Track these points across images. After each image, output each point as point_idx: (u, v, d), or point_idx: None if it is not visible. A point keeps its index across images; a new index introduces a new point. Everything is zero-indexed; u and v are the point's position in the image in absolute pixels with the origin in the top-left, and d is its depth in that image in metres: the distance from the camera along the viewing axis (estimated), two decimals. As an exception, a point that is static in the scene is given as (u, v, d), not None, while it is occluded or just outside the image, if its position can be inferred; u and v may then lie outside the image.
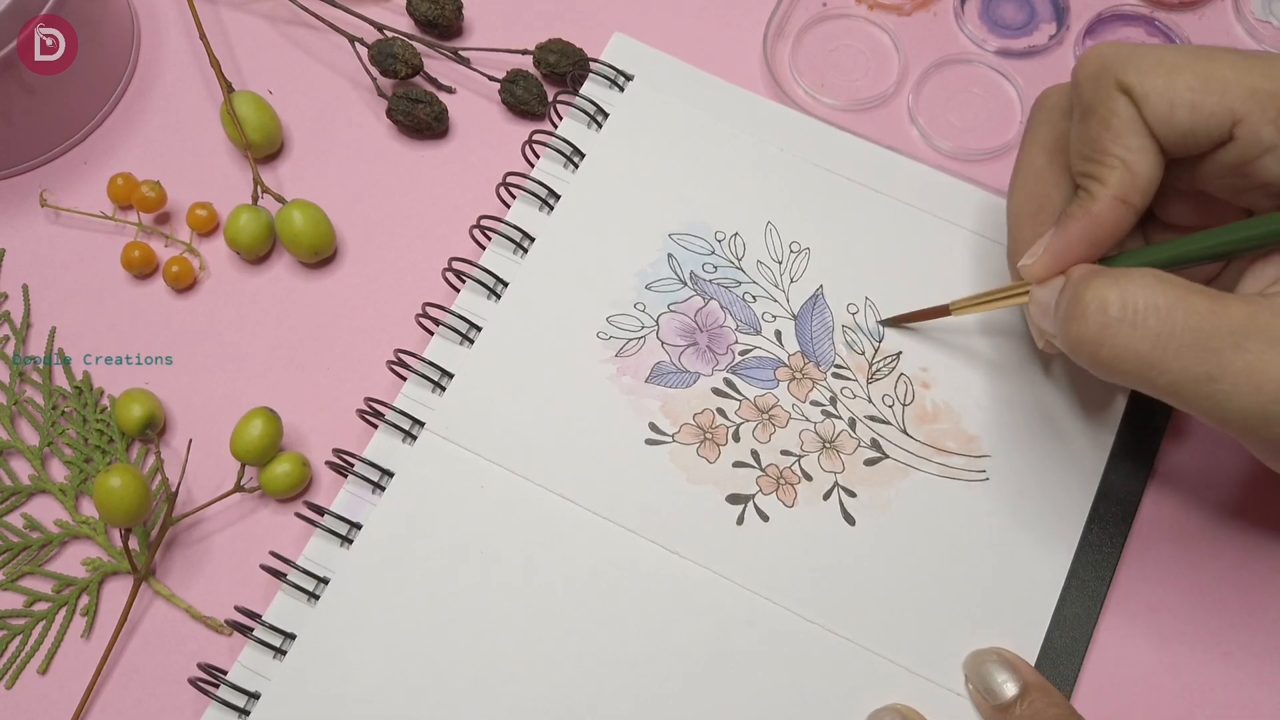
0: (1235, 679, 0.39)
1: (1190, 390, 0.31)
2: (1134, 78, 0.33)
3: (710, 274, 0.43)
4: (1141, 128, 0.33)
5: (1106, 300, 0.31)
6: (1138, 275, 0.32)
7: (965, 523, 0.40)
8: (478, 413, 0.41)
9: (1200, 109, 0.32)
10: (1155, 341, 0.31)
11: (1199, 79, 0.32)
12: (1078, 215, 0.34)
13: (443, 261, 0.43)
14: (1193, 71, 0.32)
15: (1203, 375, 0.30)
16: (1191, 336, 0.30)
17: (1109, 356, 0.31)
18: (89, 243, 0.46)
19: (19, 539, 0.41)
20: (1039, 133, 0.38)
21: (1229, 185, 0.34)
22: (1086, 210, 0.34)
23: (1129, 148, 0.33)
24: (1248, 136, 0.32)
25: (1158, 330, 0.31)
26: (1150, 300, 0.31)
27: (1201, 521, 0.41)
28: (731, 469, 0.40)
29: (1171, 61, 0.33)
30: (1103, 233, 0.34)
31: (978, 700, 0.37)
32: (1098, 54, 0.34)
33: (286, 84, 0.48)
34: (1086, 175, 0.34)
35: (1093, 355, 0.32)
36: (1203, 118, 0.32)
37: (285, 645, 0.38)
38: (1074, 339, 0.32)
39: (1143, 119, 0.33)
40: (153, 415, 0.41)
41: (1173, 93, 0.32)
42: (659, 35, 0.48)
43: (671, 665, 0.38)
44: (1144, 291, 0.31)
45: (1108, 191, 0.34)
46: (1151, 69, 0.33)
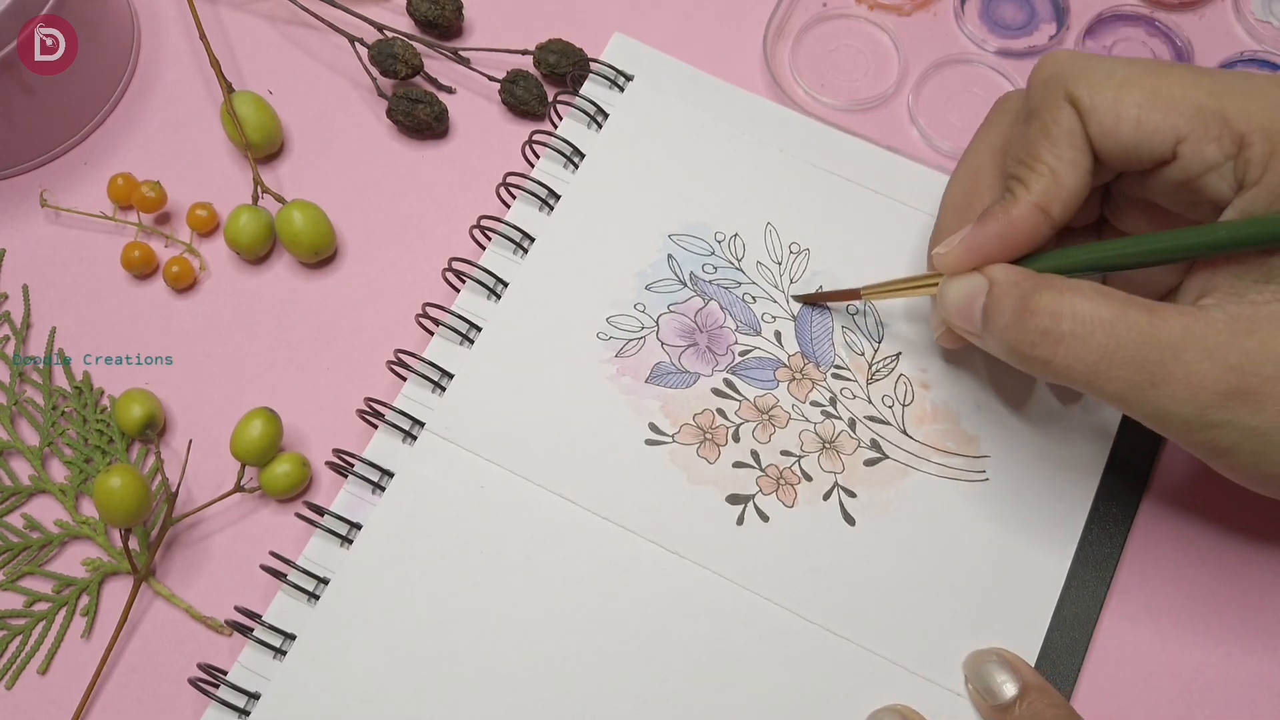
0: (1235, 679, 0.39)
1: (1134, 396, 0.32)
2: (1083, 90, 0.33)
3: (710, 274, 0.43)
4: (1080, 141, 0.34)
5: (1059, 314, 0.32)
6: (1079, 286, 0.33)
7: (965, 523, 0.40)
8: (478, 413, 0.41)
9: (1145, 125, 0.33)
10: (1102, 354, 0.32)
11: (1146, 95, 0.33)
12: (997, 215, 0.35)
13: (443, 261, 0.43)
14: (1141, 87, 0.33)
15: (1145, 382, 0.32)
16: (1133, 349, 0.32)
17: (1061, 367, 0.33)
18: (89, 243, 0.46)
19: (19, 539, 0.41)
20: (989, 132, 0.38)
21: (1177, 200, 0.34)
22: (1006, 211, 0.34)
23: (1060, 158, 0.34)
24: (1190, 155, 0.32)
25: (1104, 342, 0.32)
26: (1094, 312, 0.32)
27: (1201, 522, 0.41)
28: (731, 469, 0.40)
29: (1122, 75, 0.33)
30: (1018, 237, 0.34)
31: (977, 701, 0.37)
32: (1052, 60, 0.35)
33: (286, 84, 0.48)
34: (1014, 178, 0.35)
35: (1045, 366, 0.33)
36: (1147, 134, 0.33)
37: (285, 645, 0.38)
38: (1025, 350, 0.33)
39: (1085, 133, 0.33)
40: (153, 415, 0.41)
41: (1120, 107, 0.33)
42: (659, 35, 0.48)
43: (671, 665, 0.38)
44: (1090, 305, 0.32)
45: (1029, 197, 0.34)
46: (1101, 82, 0.33)
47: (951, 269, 0.36)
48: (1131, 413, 0.33)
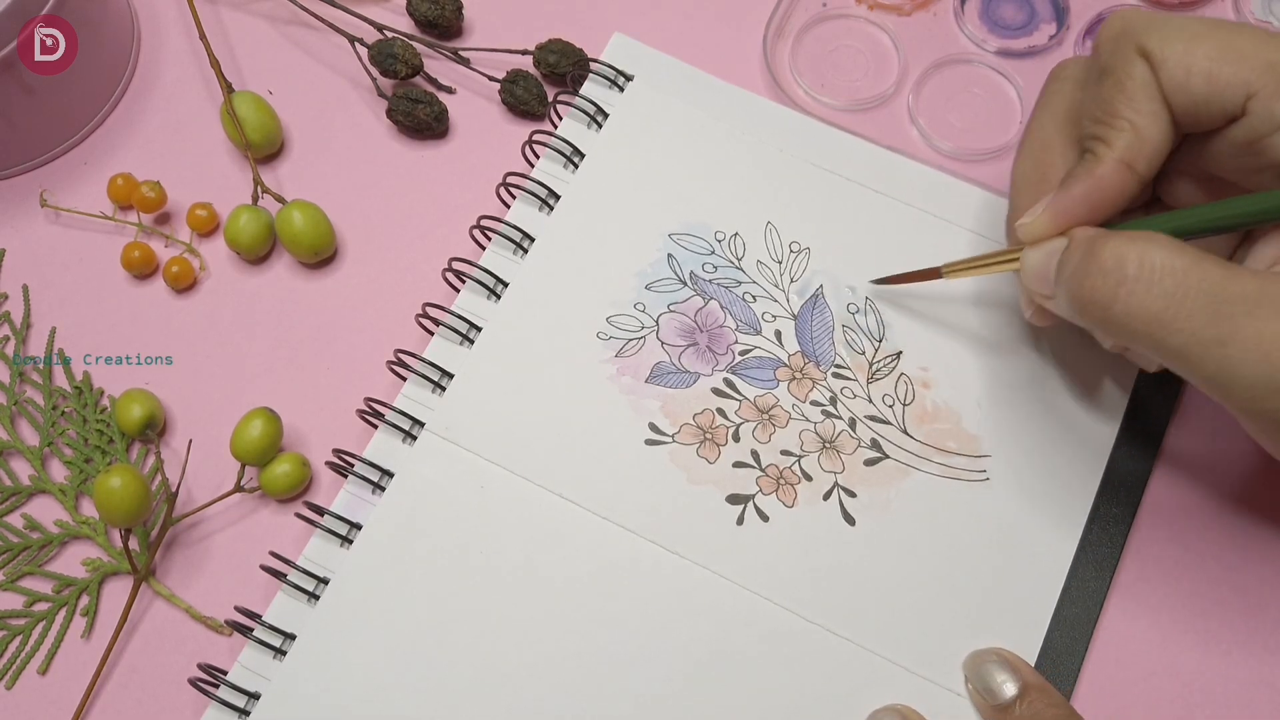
0: (1235, 679, 0.39)
1: (1199, 353, 0.31)
2: (1154, 43, 0.33)
3: (710, 274, 0.43)
4: (1155, 93, 0.33)
5: (1124, 257, 0.31)
6: (1153, 237, 0.32)
7: (965, 523, 0.40)
8: (478, 413, 0.41)
9: (1216, 78, 0.32)
10: (1168, 301, 0.31)
11: (1218, 48, 0.32)
12: (1081, 176, 0.34)
13: (443, 261, 0.43)
14: (1213, 40, 0.33)
15: (1212, 339, 0.30)
16: (1204, 300, 0.30)
17: (1121, 314, 0.31)
18: (89, 243, 0.46)
19: (19, 539, 0.41)
20: (1051, 101, 0.38)
21: (1239, 165, 0.34)
22: (1091, 171, 0.34)
23: (1140, 111, 0.33)
24: (1260, 111, 0.32)
25: (1172, 290, 0.30)
26: (1166, 261, 0.31)
27: (1202, 522, 0.41)
28: (731, 469, 0.40)
29: (1193, 30, 0.33)
30: (1105, 196, 0.34)
31: (977, 700, 0.37)
32: (1121, 17, 0.34)
33: (286, 84, 0.48)
34: (1094, 137, 0.34)
35: (1104, 312, 0.32)
36: (1218, 87, 0.32)
37: (285, 645, 0.38)
38: (1086, 295, 0.32)
39: (1158, 84, 0.33)
40: (153, 415, 0.41)
41: (1190, 59, 0.32)
42: (659, 35, 0.48)
43: (671, 665, 0.38)
44: (1160, 252, 0.31)
45: (1113, 154, 0.33)
46: (1173, 35, 0.33)
47: (1037, 235, 0.35)
48: (1194, 373, 0.31)
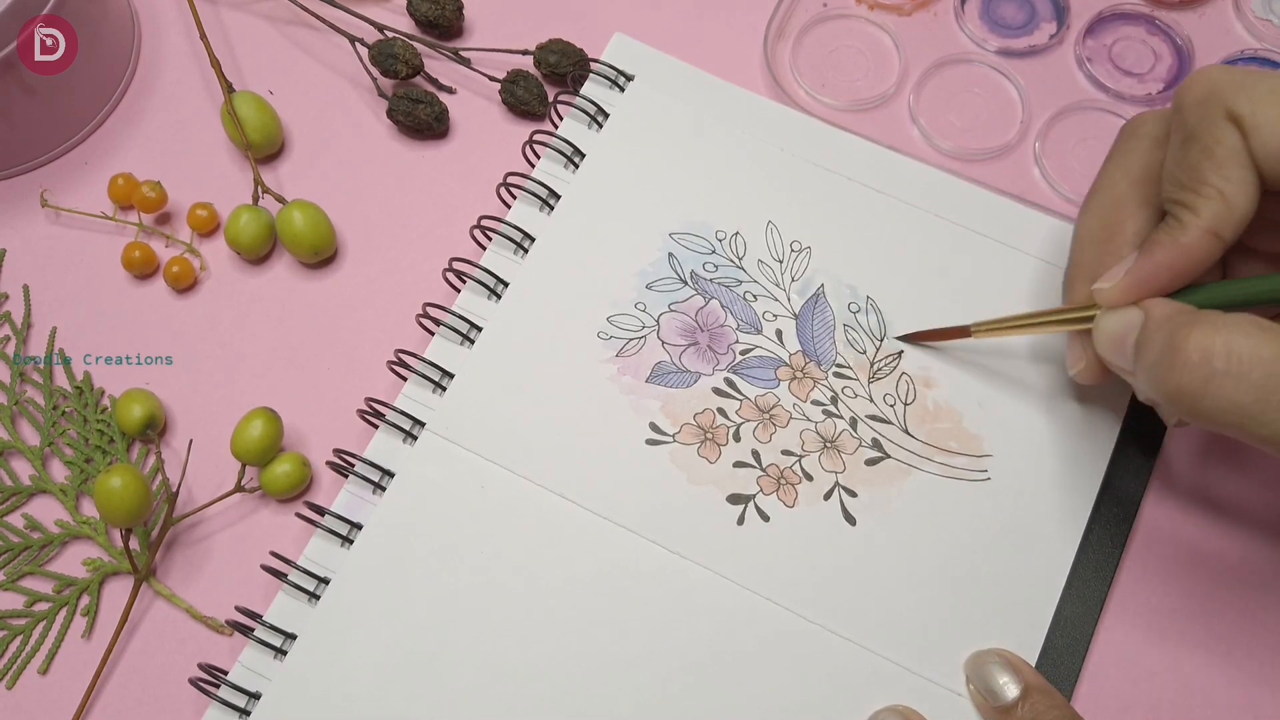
0: (1235, 679, 0.39)
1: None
2: (1245, 107, 0.32)
3: (711, 273, 0.43)
4: (1245, 159, 0.32)
5: (1211, 351, 0.30)
6: (1238, 323, 0.31)
7: (966, 523, 0.40)
8: (478, 413, 0.41)
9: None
10: (1259, 395, 0.30)
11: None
12: (1166, 244, 0.33)
13: (443, 261, 0.43)
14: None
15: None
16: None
17: (1210, 408, 0.31)
18: (89, 243, 0.46)
19: (19, 539, 0.41)
20: (1126, 159, 0.37)
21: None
22: (1175, 240, 0.33)
23: (1228, 179, 0.32)
24: None
25: (1261, 383, 0.30)
26: (1254, 351, 0.30)
27: (1202, 523, 0.41)
28: (732, 469, 0.40)
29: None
30: (1189, 265, 0.33)
31: (979, 701, 0.37)
32: (1206, 78, 0.33)
33: (287, 84, 0.48)
34: (1179, 204, 0.33)
35: (1193, 406, 0.31)
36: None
37: (286, 645, 0.38)
38: (1173, 388, 0.31)
39: (1249, 150, 0.32)
40: (153, 415, 0.41)
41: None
42: (659, 35, 0.48)
43: (671, 665, 0.38)
44: (1247, 341, 0.30)
45: (1200, 223, 0.32)
46: (1265, 98, 0.32)
47: (1115, 303, 0.34)
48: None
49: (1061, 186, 0.45)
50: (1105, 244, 0.36)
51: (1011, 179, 0.46)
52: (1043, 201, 0.45)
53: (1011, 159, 0.47)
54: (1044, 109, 0.47)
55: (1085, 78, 0.48)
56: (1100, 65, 0.48)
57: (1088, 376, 0.37)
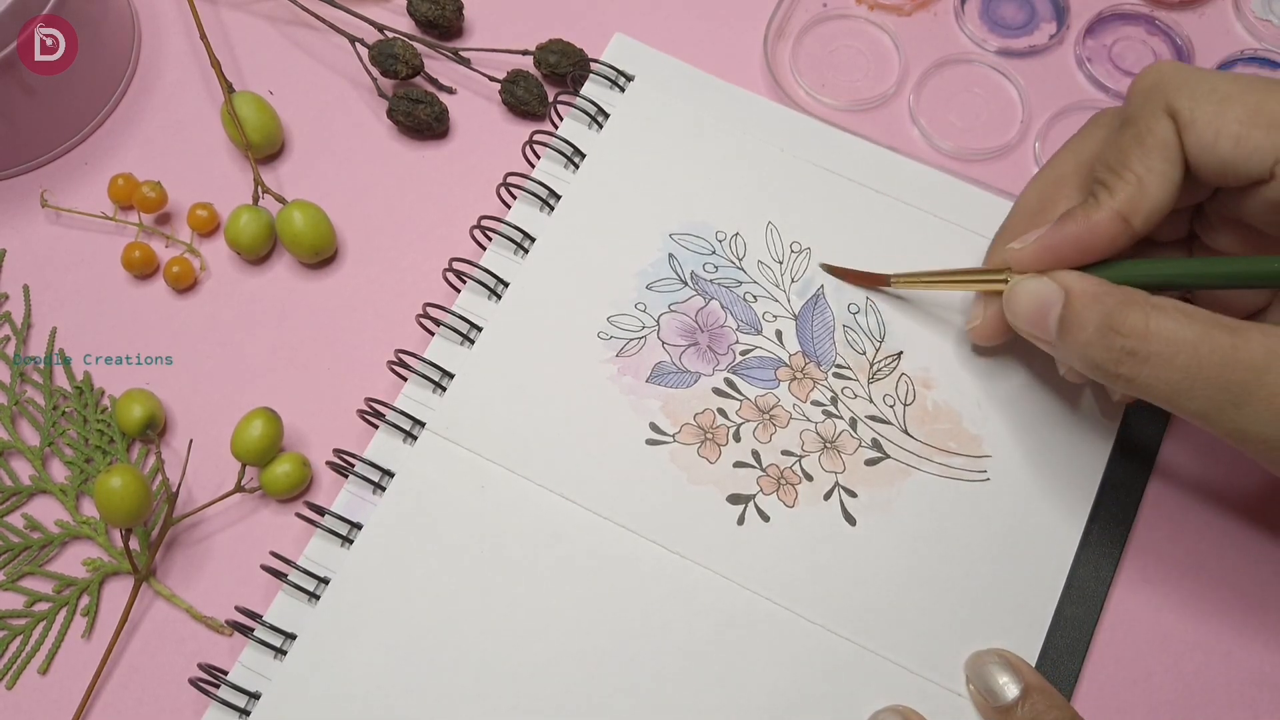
0: (1236, 679, 0.39)
1: (1216, 415, 0.32)
2: (1184, 102, 0.33)
3: (711, 274, 0.43)
4: (1173, 154, 0.33)
5: (1146, 334, 0.32)
6: (1165, 308, 0.32)
7: (966, 523, 0.40)
8: (478, 413, 0.41)
9: (1245, 142, 0.32)
10: (1185, 374, 0.32)
11: (1249, 112, 0.32)
12: (1077, 218, 0.35)
13: (443, 262, 0.43)
14: (1244, 104, 0.32)
15: (1227, 402, 0.32)
16: (1217, 370, 0.31)
17: (1143, 384, 0.33)
18: (89, 243, 0.46)
19: (19, 539, 0.41)
20: (1078, 143, 0.38)
21: (1271, 220, 0.34)
22: (1087, 215, 0.34)
23: (1150, 169, 0.33)
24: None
25: (1187, 364, 0.32)
26: (1180, 334, 0.32)
27: (1202, 522, 0.41)
28: (732, 469, 0.40)
29: (1225, 90, 0.33)
30: (1095, 243, 0.34)
31: (979, 702, 0.37)
32: (1156, 70, 0.34)
33: (287, 84, 0.48)
34: (1100, 183, 0.35)
35: (1127, 383, 0.33)
36: (1245, 152, 0.32)
37: (286, 645, 0.38)
38: (1107, 368, 0.33)
39: (1180, 146, 0.33)
40: (153, 415, 0.41)
41: (1220, 122, 0.32)
42: (660, 36, 0.48)
43: (672, 665, 0.38)
44: (1174, 325, 0.32)
45: (1112, 203, 0.34)
46: (1204, 96, 0.33)
47: (1022, 266, 0.36)
48: (1213, 430, 0.33)
49: (1061, 187, 0.45)
50: (1035, 215, 0.38)
51: (1011, 179, 0.46)
52: (1043, 202, 0.45)
53: (1011, 159, 0.47)
54: (1044, 109, 0.47)
55: (1085, 78, 0.48)
56: (1100, 65, 0.48)
57: (983, 335, 0.39)
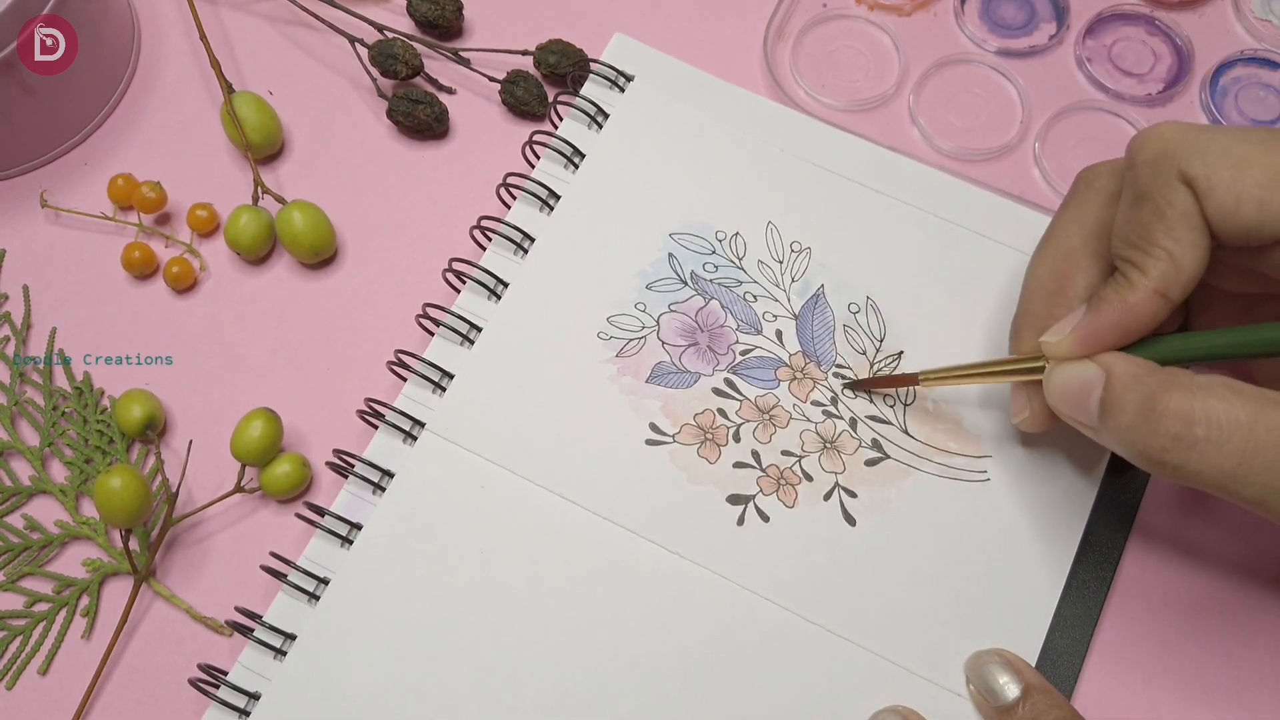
0: (1236, 679, 0.39)
1: (1275, 501, 0.30)
2: (1199, 169, 0.32)
3: (711, 274, 0.43)
4: (1197, 222, 0.32)
5: (1191, 419, 0.31)
6: (1212, 386, 0.31)
7: (966, 523, 0.40)
8: (478, 413, 0.41)
9: (1269, 206, 0.31)
10: (1240, 459, 0.30)
11: (1269, 174, 0.31)
12: (1113, 301, 0.33)
13: (443, 262, 0.43)
14: (1262, 166, 0.31)
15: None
16: (1275, 453, 0.30)
17: (1193, 473, 0.31)
18: (89, 243, 0.46)
19: (19, 539, 0.41)
20: (1081, 210, 0.37)
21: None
22: (1124, 299, 0.33)
23: (1178, 241, 0.32)
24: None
25: (1242, 448, 0.30)
26: (1231, 415, 0.30)
27: (1203, 522, 0.41)
28: (732, 469, 0.40)
29: (1240, 153, 0.31)
30: (1136, 323, 0.33)
31: (979, 702, 0.37)
32: (1159, 136, 0.33)
33: (287, 84, 0.48)
34: (1128, 262, 0.33)
35: (1175, 471, 0.31)
36: (1271, 215, 0.31)
37: (285, 646, 0.38)
38: (1154, 455, 0.31)
39: (1202, 213, 0.32)
40: (153, 416, 0.41)
41: (1240, 188, 0.31)
42: (659, 36, 0.48)
43: (671, 665, 0.38)
44: (1223, 406, 0.30)
45: (1148, 284, 0.32)
46: (1218, 160, 0.31)
47: (1062, 356, 0.34)
48: (1272, 517, 0.31)
49: (1061, 187, 0.45)
50: (1055, 295, 0.36)
51: (1011, 179, 0.46)
52: (1043, 202, 0.45)
53: (1011, 159, 0.47)
54: (1044, 109, 0.47)
55: (1085, 78, 0.48)
56: (1100, 65, 0.48)
57: (1033, 425, 0.38)
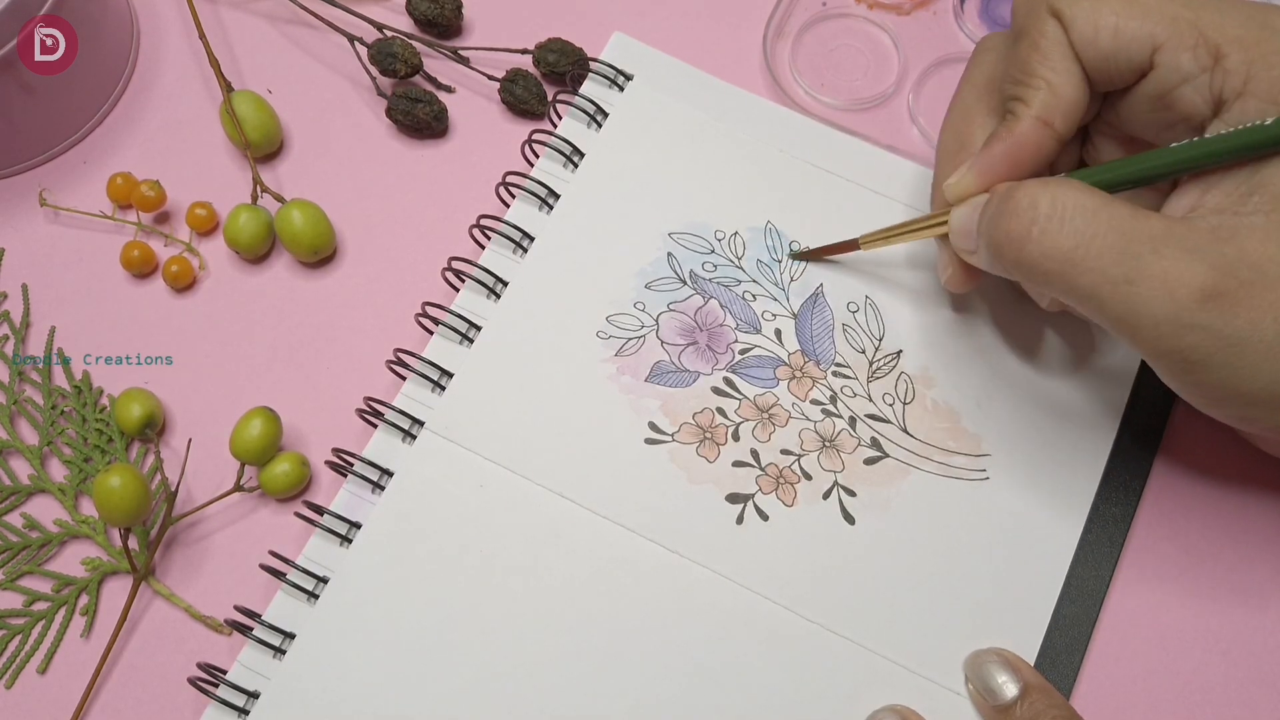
0: (1235, 679, 0.39)
1: (1108, 292, 0.31)
2: (1064, 2, 0.34)
3: (710, 273, 0.43)
4: (1068, 51, 0.34)
5: (1037, 198, 0.32)
6: (1065, 181, 0.33)
7: (965, 522, 0.40)
8: (477, 412, 0.41)
9: (1123, 33, 0.33)
10: (1079, 240, 0.32)
11: (1124, 4, 0.34)
12: (1002, 135, 0.35)
13: (442, 261, 0.43)
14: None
15: (1120, 277, 0.31)
16: (1113, 238, 0.31)
17: (1034, 253, 0.32)
18: (88, 242, 0.46)
19: (18, 539, 0.41)
20: (973, 73, 0.39)
21: (1152, 121, 0.35)
22: (1011, 130, 0.35)
23: (1054, 69, 0.34)
24: (1166, 63, 0.33)
25: (1082, 229, 0.32)
26: (1077, 200, 0.32)
27: (1201, 521, 0.41)
28: (731, 468, 0.40)
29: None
30: (1026, 153, 0.35)
31: (978, 701, 0.37)
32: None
33: (286, 83, 0.48)
34: (1013, 98, 0.36)
35: (1018, 252, 0.33)
36: (1124, 41, 0.33)
37: (285, 645, 0.38)
38: (1000, 237, 0.33)
39: (1070, 42, 0.34)
40: (152, 415, 0.41)
41: (1098, 16, 0.34)
42: (659, 35, 0.48)
43: (671, 664, 0.38)
44: (1072, 193, 0.32)
45: (1031, 112, 0.35)
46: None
47: (961, 196, 0.36)
48: (1103, 312, 0.32)
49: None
50: (958, 153, 0.38)
51: (1011, 178, 0.46)
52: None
53: (1011, 158, 0.46)
54: (1043, 108, 0.47)
55: (1084, 77, 0.48)
56: (1099, 65, 0.48)
57: (955, 282, 0.39)
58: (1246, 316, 0.30)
